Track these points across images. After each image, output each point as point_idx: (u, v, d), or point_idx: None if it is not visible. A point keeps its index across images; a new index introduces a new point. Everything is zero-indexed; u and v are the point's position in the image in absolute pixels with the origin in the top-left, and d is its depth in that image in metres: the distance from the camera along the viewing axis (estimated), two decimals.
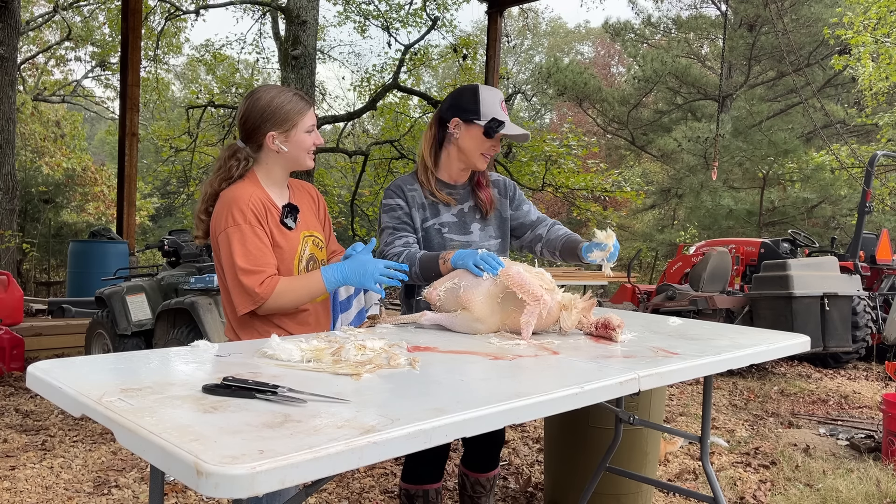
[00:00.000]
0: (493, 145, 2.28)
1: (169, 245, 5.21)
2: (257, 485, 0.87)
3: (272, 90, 1.99)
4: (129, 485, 3.32)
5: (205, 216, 2.00)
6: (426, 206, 2.34)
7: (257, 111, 1.95)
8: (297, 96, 1.98)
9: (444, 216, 2.35)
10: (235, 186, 1.95)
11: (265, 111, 1.94)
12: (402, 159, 14.15)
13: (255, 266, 1.87)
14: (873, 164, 7.96)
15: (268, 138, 1.95)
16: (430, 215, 2.34)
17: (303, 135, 1.97)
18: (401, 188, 2.34)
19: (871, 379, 6.81)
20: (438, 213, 2.35)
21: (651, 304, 7.63)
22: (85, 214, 15.92)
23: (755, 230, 15.74)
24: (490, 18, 10.55)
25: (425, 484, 2.45)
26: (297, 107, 1.96)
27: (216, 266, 2.00)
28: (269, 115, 1.94)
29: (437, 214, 2.35)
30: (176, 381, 1.29)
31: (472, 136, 2.27)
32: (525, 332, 1.84)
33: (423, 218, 2.34)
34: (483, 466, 2.59)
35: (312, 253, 2.07)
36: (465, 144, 2.29)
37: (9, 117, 10.01)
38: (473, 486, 2.60)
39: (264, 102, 1.95)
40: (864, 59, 14.22)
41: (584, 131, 16.01)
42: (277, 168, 2.01)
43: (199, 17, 14.84)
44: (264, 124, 1.94)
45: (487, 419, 1.17)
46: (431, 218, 2.34)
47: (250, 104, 1.96)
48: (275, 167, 2.01)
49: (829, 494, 3.44)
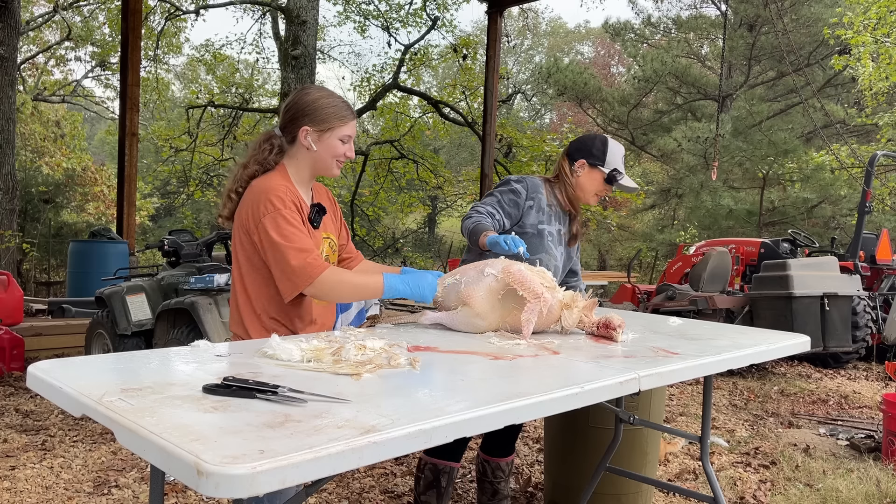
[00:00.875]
0: (606, 189, 2.63)
1: (169, 245, 5.21)
2: (257, 485, 0.87)
3: (324, 91, 2.02)
4: (129, 485, 3.32)
5: (235, 196, 1.99)
6: (545, 212, 2.61)
7: (302, 103, 1.97)
8: (344, 104, 2.01)
9: (553, 226, 2.64)
10: (269, 177, 1.95)
11: (308, 105, 1.96)
12: (402, 159, 14.16)
13: (303, 245, 1.86)
14: (873, 164, 7.96)
15: (301, 132, 1.96)
16: (545, 220, 2.62)
17: (336, 141, 1.98)
18: (532, 187, 2.60)
19: (871, 379, 6.81)
20: (551, 222, 2.64)
21: (651, 304, 7.63)
22: (85, 214, 15.92)
23: (755, 230, 15.74)
24: (490, 18, 10.55)
25: (451, 460, 2.60)
26: (339, 112, 1.98)
27: (234, 257, 1.99)
28: (311, 110, 1.96)
29: (550, 223, 2.63)
30: (176, 381, 1.29)
31: (592, 179, 2.61)
32: (525, 330, 1.85)
33: (539, 220, 2.59)
34: (502, 451, 2.79)
35: (328, 255, 2.09)
36: (584, 183, 2.62)
37: (9, 117, 10.01)
38: (494, 471, 2.78)
39: (311, 98, 1.97)
40: (864, 59, 14.22)
41: (585, 131, 16.01)
42: (305, 167, 2.01)
43: (198, 17, 14.86)
44: (303, 118, 1.96)
45: (487, 419, 1.17)
46: (546, 223, 2.61)
47: (299, 95, 1.99)
48: (303, 165, 2.01)
49: (829, 494, 3.44)
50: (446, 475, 2.57)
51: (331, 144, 1.98)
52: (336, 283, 1.88)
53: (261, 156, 1.99)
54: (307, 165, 2.01)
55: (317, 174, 2.05)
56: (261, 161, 1.99)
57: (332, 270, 1.88)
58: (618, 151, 2.62)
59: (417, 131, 14.47)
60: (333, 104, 1.97)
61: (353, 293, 1.94)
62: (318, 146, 1.97)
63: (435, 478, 2.58)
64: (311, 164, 2.01)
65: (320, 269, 1.85)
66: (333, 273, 1.88)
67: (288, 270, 1.85)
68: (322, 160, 1.99)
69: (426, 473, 2.60)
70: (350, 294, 1.93)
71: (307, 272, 1.84)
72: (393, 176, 14.91)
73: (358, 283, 1.94)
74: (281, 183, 1.93)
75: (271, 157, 1.99)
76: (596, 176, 2.60)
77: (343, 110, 1.99)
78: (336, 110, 1.97)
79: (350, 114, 2.01)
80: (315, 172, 2.04)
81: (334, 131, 1.97)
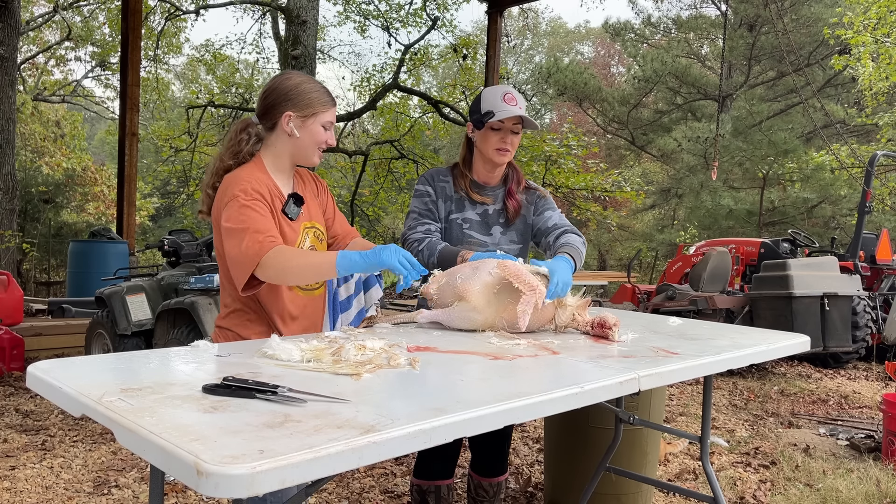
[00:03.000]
0: (501, 138, 2.35)
1: (169, 245, 5.21)
2: (257, 485, 0.87)
3: (304, 76, 1.97)
4: (129, 485, 3.32)
5: (211, 191, 1.95)
6: (453, 200, 2.42)
7: (283, 89, 1.92)
8: (325, 90, 1.97)
9: (468, 212, 2.43)
10: (240, 170, 1.91)
11: (290, 91, 1.91)
12: (402, 159, 14.15)
13: (257, 227, 1.79)
14: (873, 164, 7.96)
15: (284, 118, 1.91)
16: (455, 209, 2.42)
17: (318, 127, 1.94)
18: (432, 177, 2.44)
19: (871, 379, 6.81)
20: (464, 209, 2.43)
21: (651, 304, 7.63)
22: (85, 214, 15.92)
23: (755, 230, 15.74)
24: (490, 18, 10.54)
25: (437, 480, 2.48)
26: (322, 98, 1.94)
27: (216, 250, 1.95)
28: (293, 95, 1.91)
29: (462, 209, 2.43)
30: (176, 381, 1.29)
31: (482, 137, 2.38)
32: (521, 321, 1.86)
33: (449, 210, 2.41)
34: (488, 471, 2.59)
35: (313, 244, 2.03)
36: (480, 145, 2.40)
37: (9, 117, 10.01)
38: (476, 489, 2.61)
39: (293, 83, 1.93)
40: (864, 59, 14.22)
41: (584, 131, 16.00)
42: (285, 155, 1.96)
43: (199, 17, 14.86)
44: (286, 103, 1.91)
45: (487, 419, 1.17)
46: (456, 212, 2.42)
47: (278, 81, 1.94)
48: (283, 153, 1.96)
49: (829, 494, 3.44)
50: (433, 494, 2.48)
51: (314, 130, 1.93)
52: (284, 263, 1.75)
53: (237, 147, 1.95)
54: (287, 153, 1.96)
55: (297, 162, 2.00)
56: (236, 153, 1.94)
57: (281, 249, 1.76)
58: (492, 95, 2.34)
59: (417, 131, 14.45)
60: (316, 89, 1.94)
61: (305, 273, 1.80)
62: (301, 132, 1.92)
63: (422, 499, 2.49)
64: (292, 152, 1.96)
65: (266, 248, 1.75)
66: (282, 252, 1.76)
67: (234, 255, 1.78)
68: (304, 147, 1.94)
69: (413, 495, 2.52)
70: (301, 273, 1.80)
71: (253, 252, 1.75)
72: (393, 176, 14.90)
73: (309, 261, 1.81)
74: (250, 174, 1.88)
75: (247, 147, 1.94)
76: (483, 132, 2.36)
77: (325, 96, 1.95)
78: (319, 95, 1.93)
79: (331, 100, 1.97)
80: (295, 161, 1.99)
81: (317, 117, 1.93)
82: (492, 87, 2.39)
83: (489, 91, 2.37)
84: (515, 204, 2.46)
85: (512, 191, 2.47)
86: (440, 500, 2.50)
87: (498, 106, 2.31)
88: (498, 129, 2.33)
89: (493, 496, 2.61)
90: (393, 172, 14.68)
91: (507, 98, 2.32)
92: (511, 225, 2.47)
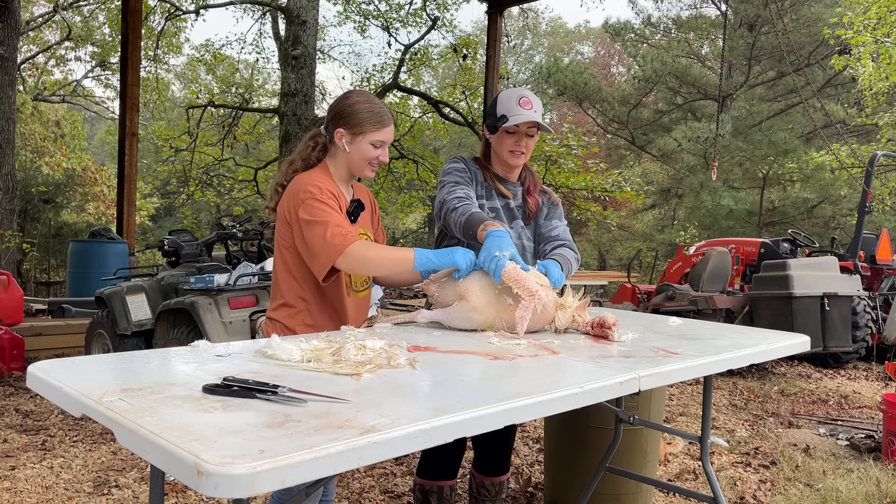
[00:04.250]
0: (515, 142, 2.38)
1: (169, 245, 5.21)
2: (257, 485, 0.87)
3: (365, 95, 2.10)
4: (129, 485, 3.32)
5: (280, 189, 2.10)
6: (483, 186, 2.46)
7: (339, 107, 2.08)
8: (380, 111, 2.07)
9: (495, 202, 2.46)
10: (309, 173, 2.06)
11: (344, 109, 2.06)
12: (402, 159, 14.15)
13: (336, 222, 1.93)
14: (873, 164, 7.96)
15: (336, 134, 2.07)
16: (484, 194, 2.45)
17: (367, 145, 2.06)
18: (464, 160, 2.48)
19: (871, 379, 6.81)
20: (492, 197, 2.47)
21: (651, 304, 7.63)
22: (85, 214, 15.91)
23: (755, 230, 15.74)
24: (490, 18, 10.54)
25: (440, 480, 2.49)
26: (373, 118, 2.05)
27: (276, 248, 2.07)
28: (346, 114, 2.05)
29: (490, 198, 2.47)
30: (176, 381, 1.29)
31: (497, 139, 2.42)
32: (520, 327, 1.86)
33: (479, 194, 2.43)
34: (491, 470, 2.61)
35: None
36: (496, 147, 2.44)
37: (9, 117, 10.00)
38: (478, 488, 2.63)
39: (350, 101, 2.07)
40: (864, 59, 14.22)
41: (584, 131, 16.02)
42: (343, 166, 2.11)
43: (199, 17, 14.85)
44: (339, 120, 2.06)
45: (487, 419, 1.17)
46: (485, 198, 2.45)
47: (342, 98, 2.10)
48: (341, 164, 2.11)
49: (829, 494, 3.44)
50: (435, 494, 2.49)
51: (362, 148, 2.06)
52: (366, 254, 1.91)
53: (305, 152, 2.12)
54: (343, 164, 2.11)
55: (353, 173, 2.14)
56: (304, 157, 2.11)
57: (362, 243, 1.93)
58: (507, 98, 2.36)
59: (417, 131, 14.46)
60: (368, 109, 2.05)
61: (384, 264, 1.96)
62: (351, 148, 2.06)
63: (424, 499, 2.50)
64: (347, 165, 2.11)
65: (349, 241, 1.90)
66: (363, 245, 1.92)
67: (317, 246, 1.92)
68: (355, 162, 2.09)
69: (416, 494, 2.53)
70: (381, 265, 1.95)
71: (338, 242, 1.89)
72: (393, 176, 14.90)
73: (389, 254, 1.96)
74: (319, 177, 2.04)
75: (314, 153, 2.11)
76: (499, 134, 2.38)
77: (377, 116, 2.06)
78: (370, 116, 2.05)
79: (384, 120, 2.07)
80: (352, 172, 2.13)
81: (366, 136, 2.05)
82: (509, 90, 2.42)
83: (505, 94, 2.39)
84: (535, 202, 2.51)
85: (530, 190, 2.52)
86: (442, 501, 2.51)
87: (512, 110, 2.33)
88: (513, 133, 2.37)
89: (494, 495, 2.63)
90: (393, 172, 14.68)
91: (523, 102, 2.34)
92: (528, 224, 2.51)
